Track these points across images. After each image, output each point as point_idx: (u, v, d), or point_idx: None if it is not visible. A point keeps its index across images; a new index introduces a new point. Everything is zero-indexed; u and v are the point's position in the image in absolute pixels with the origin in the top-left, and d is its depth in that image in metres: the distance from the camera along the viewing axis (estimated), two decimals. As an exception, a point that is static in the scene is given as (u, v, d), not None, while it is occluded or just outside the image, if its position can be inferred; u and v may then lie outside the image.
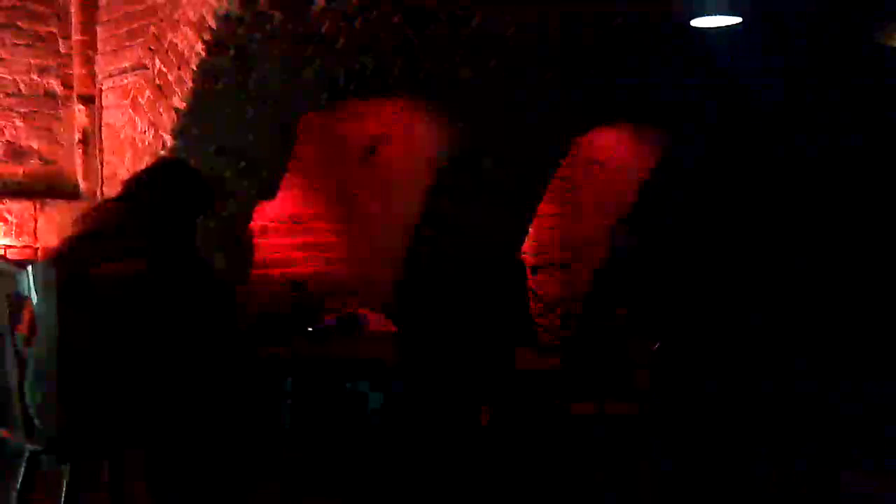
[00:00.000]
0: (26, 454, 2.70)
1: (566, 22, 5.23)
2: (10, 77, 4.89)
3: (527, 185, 6.27)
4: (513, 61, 5.47)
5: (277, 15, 4.31)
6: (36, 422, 2.61)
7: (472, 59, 5.32)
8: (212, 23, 4.24)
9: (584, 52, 5.78)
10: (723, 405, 5.70)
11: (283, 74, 4.62)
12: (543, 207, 6.78)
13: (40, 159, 4.99)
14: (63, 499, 2.55)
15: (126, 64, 4.80)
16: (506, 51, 5.39)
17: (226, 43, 4.35)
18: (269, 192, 4.95)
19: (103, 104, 5.00)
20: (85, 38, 5.03)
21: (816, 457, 4.81)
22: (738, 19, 4.79)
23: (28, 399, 2.62)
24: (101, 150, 4.99)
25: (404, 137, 5.77)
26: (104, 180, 4.95)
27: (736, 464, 4.68)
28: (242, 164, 4.72)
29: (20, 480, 2.69)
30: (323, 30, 4.57)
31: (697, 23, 4.86)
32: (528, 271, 7.00)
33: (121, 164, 4.81)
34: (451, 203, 5.84)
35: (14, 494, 2.70)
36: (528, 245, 6.83)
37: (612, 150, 7.24)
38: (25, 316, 2.67)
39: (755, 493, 4.23)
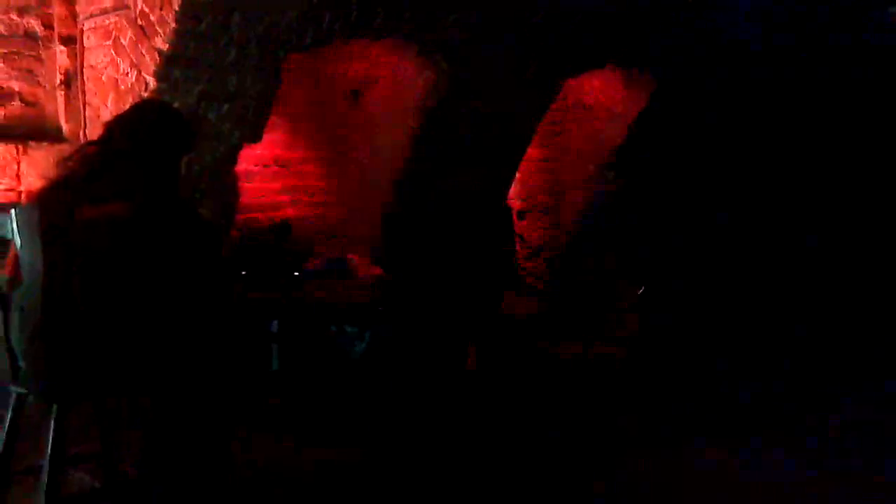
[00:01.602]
0: (13, 397, 2.71)
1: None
2: (-12, 17, 4.81)
3: (515, 128, 6.24)
4: (502, 2, 5.40)
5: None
6: (21, 364, 2.62)
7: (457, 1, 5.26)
8: (194, -39, 4.17)
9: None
10: (705, 348, 5.77)
11: (266, 15, 4.55)
12: (531, 152, 6.76)
13: (22, 101, 4.92)
14: (51, 440, 2.56)
15: (107, 3, 4.72)
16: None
17: (209, -18, 4.28)
18: (254, 135, 4.91)
19: (85, 45, 4.93)
20: (65, -24, 4.94)
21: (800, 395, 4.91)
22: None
23: (13, 341, 2.62)
24: (83, 92, 4.92)
25: (391, 79, 5.72)
26: (87, 122, 4.90)
27: (718, 405, 4.74)
28: (226, 106, 4.67)
29: (7, 423, 2.70)
30: (307, -31, 4.51)
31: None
32: (515, 215, 7.01)
33: (104, 106, 4.76)
34: (438, 146, 5.81)
35: (2, 436, 2.72)
36: (515, 189, 6.82)
37: (601, 93, 7.20)
38: (9, 259, 2.67)
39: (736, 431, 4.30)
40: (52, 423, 2.56)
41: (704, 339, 5.94)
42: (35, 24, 4.94)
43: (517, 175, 6.66)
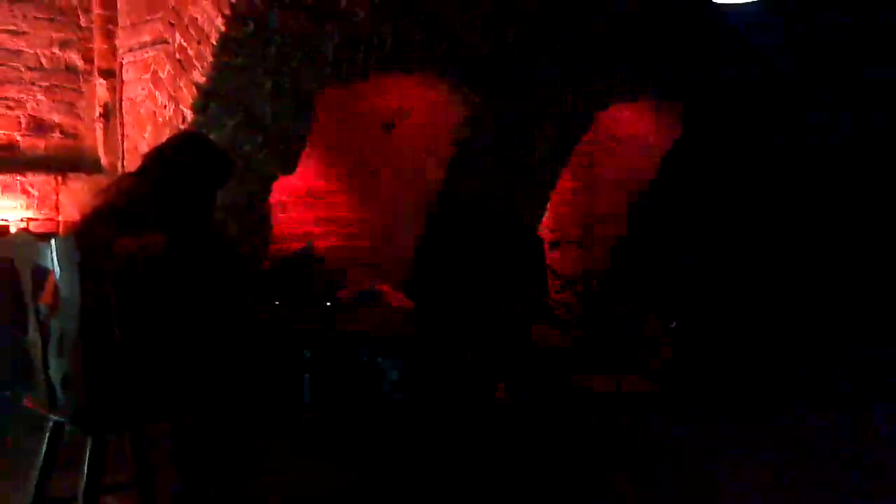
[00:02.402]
0: (49, 425, 2.74)
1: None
2: (31, 51, 4.91)
3: (546, 160, 6.26)
4: (532, 35, 5.44)
5: (297, -11, 4.31)
6: (59, 393, 2.65)
7: (491, 32, 5.31)
8: (231, -3, 4.25)
9: (605, 27, 5.75)
10: (738, 383, 5.71)
11: (302, 48, 4.62)
12: (563, 183, 6.77)
13: (62, 133, 5.02)
14: (85, 470, 2.58)
15: (146, 38, 4.81)
16: (525, 24, 5.37)
17: (245, 17, 4.35)
18: (288, 167, 4.97)
19: (124, 78, 5.02)
20: (105, 11, 5.04)
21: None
22: (760, -5, 4.75)
23: (51, 370, 2.66)
24: (122, 125, 5.01)
25: (423, 112, 5.77)
26: (125, 154, 4.98)
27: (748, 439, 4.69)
28: (262, 138, 4.73)
29: (43, 451, 2.73)
30: (342, 3, 4.57)
31: (720, -1, 4.83)
32: (547, 247, 7.00)
33: (141, 139, 4.84)
34: (469, 178, 5.84)
35: (37, 465, 2.74)
36: (546, 221, 6.83)
37: (632, 126, 7.21)
38: (48, 288, 2.70)
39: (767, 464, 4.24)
40: (88, 451, 2.59)
41: (738, 373, 5.88)
42: (76, 58, 5.05)
43: (549, 206, 6.68)
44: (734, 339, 6.36)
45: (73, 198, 4.88)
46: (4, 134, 4.84)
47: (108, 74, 5.06)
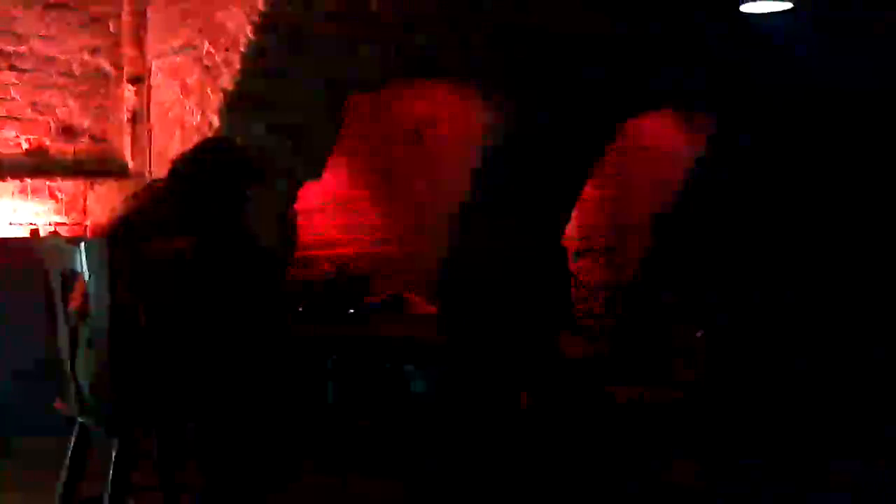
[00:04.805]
0: (77, 427, 2.75)
1: (615, 5, 5.19)
2: (62, 57, 4.94)
3: (572, 168, 6.24)
4: (561, 44, 5.42)
5: (326, -5, 4.32)
6: (86, 395, 2.66)
7: (521, 42, 5.29)
8: (260, 4, 4.26)
9: (632, 36, 5.72)
10: (766, 393, 5.65)
11: (332, 55, 4.63)
12: (588, 192, 6.74)
13: (91, 138, 5.04)
14: (112, 472, 2.59)
15: (175, 44, 4.84)
16: (554, 33, 5.35)
17: (274, 23, 4.36)
18: (315, 173, 4.97)
19: (152, 84, 5.05)
20: (135, 18, 5.06)
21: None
22: (789, 4, 4.71)
23: (79, 373, 2.66)
24: (150, 130, 5.04)
25: (451, 120, 5.77)
26: (153, 159, 5.00)
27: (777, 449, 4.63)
28: (289, 144, 4.73)
29: (70, 452, 2.74)
30: (373, 9, 4.57)
31: (746, 8, 4.79)
32: (571, 256, 6.97)
33: (170, 144, 4.86)
34: (496, 186, 5.82)
35: (65, 466, 2.75)
36: (571, 229, 6.79)
37: (659, 135, 7.17)
38: (77, 292, 2.71)
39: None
40: (115, 453, 2.59)
41: (766, 383, 5.82)
42: (105, 64, 5.08)
43: (574, 215, 6.65)
44: (762, 350, 6.31)
45: (101, 202, 4.90)
46: (34, 139, 4.88)
47: (137, 80, 5.09)
